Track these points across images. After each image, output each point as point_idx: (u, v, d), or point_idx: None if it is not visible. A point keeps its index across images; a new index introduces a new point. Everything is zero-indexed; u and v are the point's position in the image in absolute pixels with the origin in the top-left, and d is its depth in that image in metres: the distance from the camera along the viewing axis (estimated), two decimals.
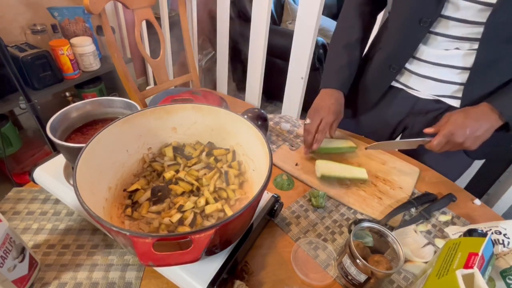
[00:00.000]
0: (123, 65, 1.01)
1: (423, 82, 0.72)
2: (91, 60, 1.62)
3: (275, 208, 0.58)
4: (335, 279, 0.53)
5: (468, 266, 0.38)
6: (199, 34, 2.07)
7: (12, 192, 0.64)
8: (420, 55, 0.70)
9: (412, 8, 0.66)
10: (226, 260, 0.47)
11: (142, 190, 0.53)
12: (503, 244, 0.54)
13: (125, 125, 0.52)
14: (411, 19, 0.66)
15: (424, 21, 0.64)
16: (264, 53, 1.61)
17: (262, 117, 0.81)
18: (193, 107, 0.57)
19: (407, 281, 0.54)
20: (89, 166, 0.44)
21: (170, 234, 0.36)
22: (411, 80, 0.75)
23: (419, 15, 0.64)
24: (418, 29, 0.65)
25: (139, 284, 0.50)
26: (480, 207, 0.70)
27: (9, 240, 0.43)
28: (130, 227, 0.49)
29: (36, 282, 0.49)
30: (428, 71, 0.70)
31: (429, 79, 0.71)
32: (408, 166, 0.79)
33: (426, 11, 0.63)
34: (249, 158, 0.57)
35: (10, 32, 1.52)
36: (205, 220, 0.50)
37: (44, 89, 1.48)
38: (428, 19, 0.63)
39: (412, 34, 0.68)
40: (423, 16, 0.63)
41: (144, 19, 1.03)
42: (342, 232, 0.62)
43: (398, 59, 0.73)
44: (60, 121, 0.59)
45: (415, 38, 0.68)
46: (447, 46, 0.65)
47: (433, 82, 0.71)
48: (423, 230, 0.63)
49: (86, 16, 1.65)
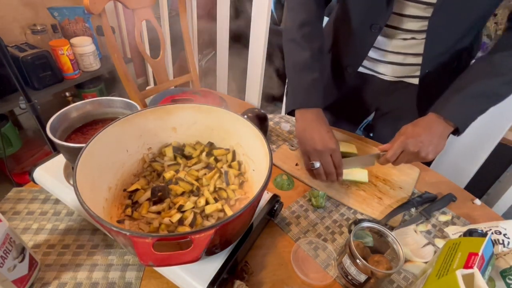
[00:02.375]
0: (123, 65, 1.01)
1: (389, 67, 0.79)
2: (91, 60, 1.62)
3: (275, 208, 0.58)
4: (335, 279, 0.53)
5: (468, 266, 0.38)
6: (199, 34, 2.07)
7: (12, 192, 0.64)
8: (383, 47, 0.75)
9: (362, 15, 0.72)
10: (226, 260, 0.47)
11: (142, 190, 0.53)
12: (503, 244, 0.54)
13: (125, 125, 0.52)
14: (362, 25, 0.72)
15: (375, 26, 0.69)
16: (264, 53, 1.61)
17: (262, 117, 0.81)
18: (193, 107, 0.57)
19: (407, 281, 0.54)
20: (89, 166, 0.44)
21: (170, 234, 0.36)
22: (379, 66, 0.80)
23: (370, 22, 0.69)
24: (369, 34, 0.71)
25: (139, 284, 0.50)
26: (480, 207, 0.70)
27: (9, 240, 0.43)
28: (130, 227, 0.49)
29: (36, 282, 0.49)
30: (392, 57, 0.76)
31: (393, 64, 0.77)
32: (408, 166, 0.79)
33: (376, 18, 0.68)
34: (249, 158, 0.57)
35: (10, 32, 1.52)
36: (205, 220, 0.50)
37: (44, 89, 1.48)
38: (378, 25, 0.69)
39: (364, 39, 0.74)
40: (374, 22, 0.69)
41: (144, 19, 1.03)
42: (342, 232, 0.62)
43: (352, 62, 0.81)
44: (60, 121, 0.59)
45: (366, 42, 0.74)
46: (405, 36, 0.71)
47: (396, 67, 0.77)
48: (423, 230, 0.63)
49: (86, 16, 1.65)
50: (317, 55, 0.71)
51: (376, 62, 0.80)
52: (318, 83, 0.71)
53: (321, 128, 0.66)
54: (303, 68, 0.71)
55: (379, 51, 0.77)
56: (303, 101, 0.70)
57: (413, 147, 0.60)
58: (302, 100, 0.70)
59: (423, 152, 0.59)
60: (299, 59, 0.71)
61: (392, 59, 0.76)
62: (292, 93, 0.73)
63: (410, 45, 0.72)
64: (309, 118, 0.69)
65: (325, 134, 0.66)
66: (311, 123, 0.68)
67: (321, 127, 0.67)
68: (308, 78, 0.70)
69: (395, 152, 0.62)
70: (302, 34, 0.71)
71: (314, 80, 0.70)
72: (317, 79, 0.70)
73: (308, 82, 0.70)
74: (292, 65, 0.72)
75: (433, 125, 0.61)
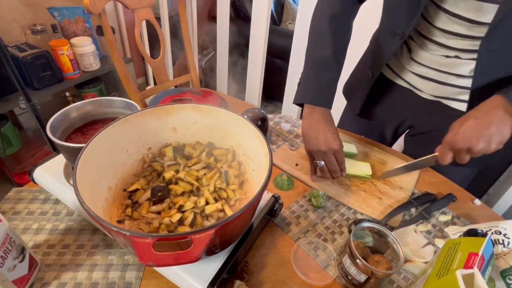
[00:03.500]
0: (123, 65, 1.01)
1: (426, 83, 0.72)
2: (91, 60, 1.62)
3: (275, 208, 0.58)
4: (335, 279, 0.53)
5: (468, 266, 0.38)
6: (199, 34, 2.07)
7: (12, 192, 0.64)
8: (422, 61, 0.70)
9: (386, 21, 0.70)
10: (226, 260, 0.47)
11: (142, 190, 0.53)
12: (503, 244, 0.54)
13: (125, 125, 0.52)
14: (387, 29, 0.70)
15: (398, 33, 0.67)
16: (264, 53, 1.61)
17: (262, 117, 0.81)
18: (193, 107, 0.57)
19: (407, 281, 0.54)
20: (89, 166, 0.44)
21: (170, 234, 0.36)
22: (414, 79, 0.75)
23: (393, 27, 0.67)
24: (392, 40, 0.69)
25: (139, 284, 0.50)
26: (480, 207, 0.70)
27: (9, 240, 0.43)
28: (130, 227, 0.49)
29: (36, 282, 0.49)
30: (429, 73, 0.70)
31: (431, 80, 0.71)
32: None
33: (399, 25, 0.66)
34: (249, 158, 0.57)
35: (10, 32, 1.52)
36: (205, 220, 0.50)
37: (44, 89, 1.48)
38: (401, 31, 0.66)
39: (385, 45, 0.73)
40: (397, 29, 0.66)
41: (144, 19, 1.03)
42: (342, 232, 0.62)
43: (374, 68, 0.78)
44: (60, 121, 0.59)
45: (389, 48, 0.72)
46: (447, 53, 0.65)
47: (435, 84, 0.70)
48: (423, 230, 0.63)
49: (86, 16, 1.65)
50: (339, 54, 0.70)
51: (417, 77, 0.73)
52: (333, 83, 0.70)
53: (327, 129, 0.66)
54: (323, 65, 0.70)
55: (419, 66, 0.71)
56: (315, 98, 0.70)
57: (461, 144, 0.54)
58: (314, 96, 0.70)
59: (476, 147, 0.52)
60: (321, 55, 0.70)
61: (429, 75, 0.70)
62: (305, 86, 0.72)
63: (453, 64, 0.65)
64: (316, 118, 0.68)
65: (330, 135, 0.65)
66: (317, 123, 0.67)
67: (326, 128, 0.66)
68: (325, 77, 0.69)
69: (443, 154, 0.57)
70: (331, 29, 0.70)
71: (330, 80, 0.69)
72: (333, 78, 0.70)
73: (324, 80, 0.69)
74: (313, 58, 0.71)
75: (490, 112, 0.53)
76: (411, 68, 0.73)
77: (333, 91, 0.70)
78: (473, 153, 0.54)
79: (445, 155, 0.57)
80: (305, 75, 0.73)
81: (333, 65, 0.69)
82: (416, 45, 0.69)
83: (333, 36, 0.69)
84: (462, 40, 0.61)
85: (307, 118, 0.69)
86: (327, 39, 0.69)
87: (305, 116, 0.70)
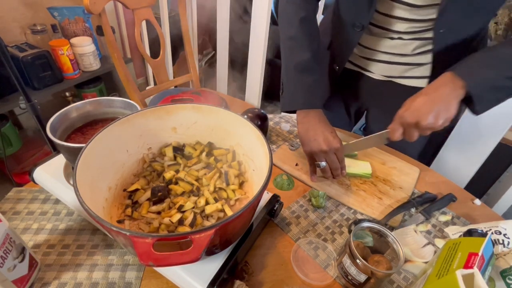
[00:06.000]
0: (123, 65, 1.01)
1: (374, 64, 0.78)
2: (91, 60, 1.62)
3: (275, 208, 0.58)
4: (335, 279, 0.53)
5: (468, 266, 0.38)
6: (199, 34, 2.07)
7: (12, 192, 0.64)
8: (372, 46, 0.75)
9: (348, 14, 0.72)
10: (226, 260, 0.47)
11: (142, 190, 0.53)
12: (503, 244, 0.54)
13: (125, 125, 0.52)
14: (347, 23, 0.73)
15: (358, 25, 0.70)
16: (264, 53, 1.61)
17: (262, 117, 0.81)
18: (193, 107, 0.57)
19: (407, 281, 0.54)
20: (89, 166, 0.44)
21: (170, 234, 0.37)
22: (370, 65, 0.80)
23: (353, 20, 0.70)
24: (353, 32, 0.72)
25: (139, 284, 0.50)
26: (480, 207, 0.70)
27: (9, 240, 0.43)
28: (130, 227, 0.49)
29: (36, 282, 0.49)
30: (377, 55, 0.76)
31: (379, 62, 0.77)
32: (408, 166, 0.79)
33: (359, 17, 0.69)
34: (249, 158, 0.57)
35: (10, 32, 1.52)
36: (205, 220, 0.50)
37: (44, 89, 1.48)
38: (361, 24, 0.69)
39: (349, 38, 0.75)
40: (356, 21, 0.70)
41: (144, 19, 1.03)
42: (342, 232, 0.62)
43: (339, 60, 0.81)
44: (60, 121, 0.59)
45: (351, 41, 0.75)
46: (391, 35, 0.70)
47: (383, 64, 0.77)
48: (423, 230, 0.63)
49: (86, 16, 1.65)
50: (317, 54, 0.72)
51: (367, 60, 0.79)
52: (319, 84, 0.71)
53: (325, 129, 0.67)
54: (305, 68, 0.70)
55: (369, 51, 0.77)
56: (305, 102, 0.70)
57: (410, 118, 0.55)
58: (304, 101, 0.71)
59: (424, 121, 0.53)
60: (301, 59, 0.70)
61: (381, 58, 0.76)
62: (292, 93, 0.72)
63: (397, 45, 0.71)
64: (311, 120, 0.69)
65: (328, 135, 0.66)
66: (314, 125, 0.68)
67: (324, 128, 0.67)
68: (310, 79, 0.70)
69: (393, 129, 0.58)
70: (303, 32, 0.71)
71: (315, 81, 0.70)
72: (318, 80, 0.71)
73: (310, 83, 0.70)
74: (294, 65, 0.71)
75: (439, 88, 0.55)
76: (359, 52, 0.78)
77: (321, 91, 0.72)
78: (421, 127, 0.55)
79: (395, 130, 0.58)
80: (289, 81, 0.73)
81: (314, 67, 0.71)
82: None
83: (307, 38, 0.71)
84: (405, 23, 0.66)
85: (303, 122, 0.70)
86: (303, 43, 0.71)
87: (300, 121, 0.71)
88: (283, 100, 0.74)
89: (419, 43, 0.69)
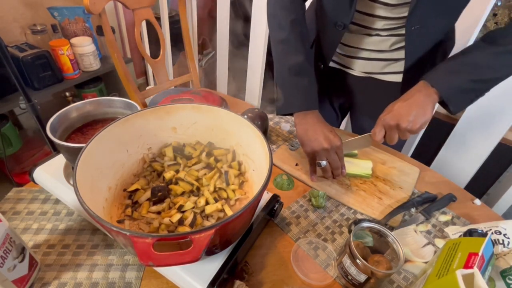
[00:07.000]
0: (123, 65, 1.01)
1: (354, 61, 0.81)
2: (91, 60, 1.62)
3: (275, 208, 0.58)
4: (335, 279, 0.53)
5: (468, 266, 0.38)
6: (199, 34, 2.07)
7: (12, 192, 0.64)
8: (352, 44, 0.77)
9: (329, 13, 0.73)
10: (226, 260, 0.47)
11: (142, 190, 0.53)
12: (503, 244, 0.54)
13: (125, 125, 0.52)
14: (329, 22, 0.74)
15: (339, 25, 0.71)
16: (264, 53, 1.61)
17: (262, 117, 0.81)
18: (193, 107, 0.57)
19: (407, 281, 0.54)
20: (89, 166, 0.44)
21: (170, 234, 0.37)
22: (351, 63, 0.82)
23: (335, 20, 0.71)
24: (335, 31, 0.73)
25: (139, 284, 0.50)
26: (480, 207, 0.70)
27: (9, 240, 0.43)
28: (130, 227, 0.49)
29: (36, 282, 0.49)
30: (355, 51, 0.78)
31: (358, 58, 0.80)
32: (408, 166, 0.79)
33: (340, 17, 0.70)
34: (249, 158, 0.57)
35: (10, 32, 1.52)
36: (205, 220, 0.50)
37: (44, 89, 1.48)
38: (342, 23, 0.70)
39: (331, 37, 0.77)
40: (338, 21, 0.71)
41: (144, 19, 1.03)
42: (342, 232, 0.62)
43: (323, 59, 0.84)
44: (60, 121, 0.59)
45: (333, 40, 0.77)
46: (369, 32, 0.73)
47: (362, 61, 0.79)
48: (423, 230, 0.63)
49: (86, 16, 1.65)
50: (309, 56, 0.73)
51: (347, 58, 0.82)
52: (313, 85, 0.72)
53: (324, 129, 0.68)
54: (299, 71, 0.71)
55: (350, 48, 0.79)
56: (302, 105, 0.71)
57: (391, 121, 0.59)
58: (301, 103, 0.71)
59: (403, 123, 0.58)
60: (294, 62, 0.71)
61: (361, 55, 0.78)
62: (288, 96, 0.73)
63: (375, 41, 0.74)
64: (310, 121, 0.70)
65: (328, 134, 0.67)
66: (313, 126, 0.69)
67: (323, 128, 0.68)
68: (305, 81, 0.71)
69: (376, 131, 0.62)
70: (295, 35, 0.71)
71: (310, 83, 0.71)
72: (312, 81, 0.72)
73: (305, 85, 0.71)
74: (288, 68, 0.71)
75: (415, 94, 0.60)
76: (340, 50, 0.81)
77: (315, 92, 0.72)
78: (401, 129, 0.60)
79: (378, 132, 0.62)
80: (284, 85, 0.73)
81: (308, 68, 0.72)
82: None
83: (299, 41, 0.72)
84: (382, 21, 0.69)
85: (301, 124, 0.71)
86: (295, 46, 0.71)
87: (298, 123, 0.71)
88: (279, 104, 0.74)
89: (395, 39, 0.72)
